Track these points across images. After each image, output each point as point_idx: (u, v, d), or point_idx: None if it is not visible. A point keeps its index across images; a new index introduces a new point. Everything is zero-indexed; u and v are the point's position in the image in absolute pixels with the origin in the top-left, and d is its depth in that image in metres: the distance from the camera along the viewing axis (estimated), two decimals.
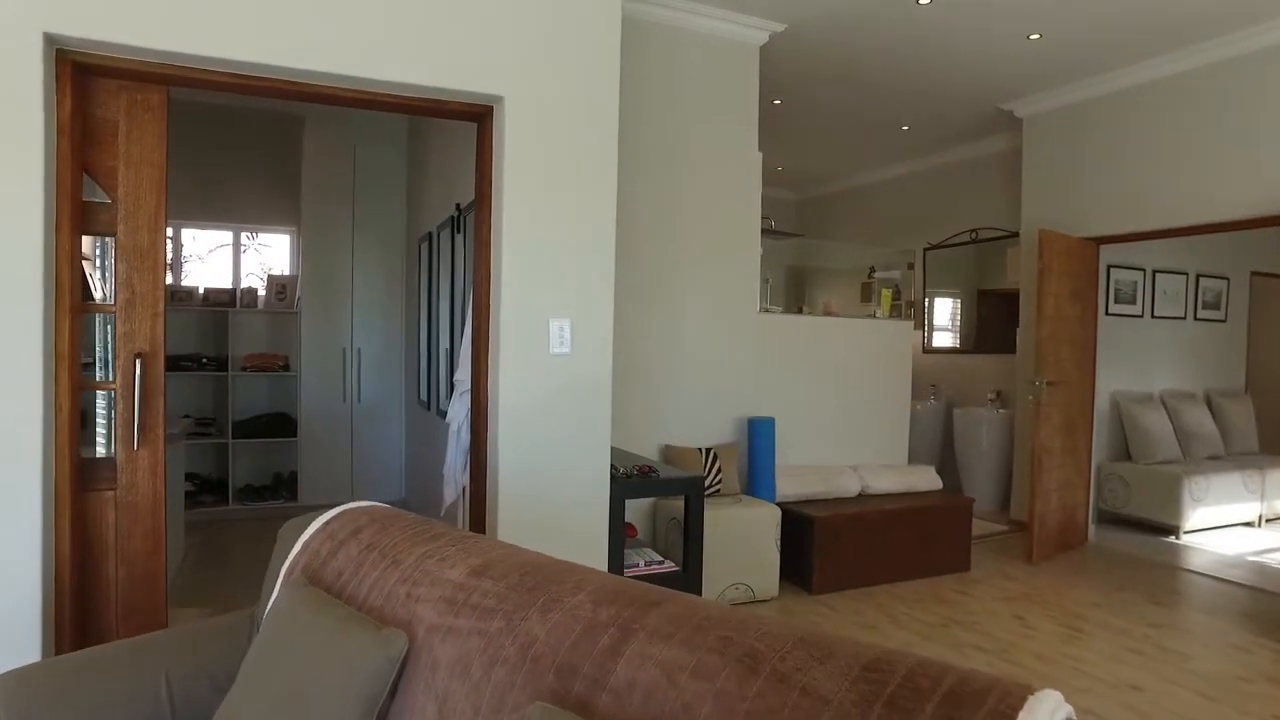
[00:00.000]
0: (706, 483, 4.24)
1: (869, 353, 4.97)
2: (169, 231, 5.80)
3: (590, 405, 2.83)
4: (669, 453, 4.29)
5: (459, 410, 3.18)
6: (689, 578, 3.07)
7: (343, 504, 1.91)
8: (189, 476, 5.49)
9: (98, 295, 5.14)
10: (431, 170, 5.11)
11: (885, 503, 4.53)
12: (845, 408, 4.88)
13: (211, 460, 5.60)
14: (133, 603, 2.48)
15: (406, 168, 5.84)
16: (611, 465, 3.01)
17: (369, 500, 1.99)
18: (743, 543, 3.97)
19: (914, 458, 5.63)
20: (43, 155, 2.15)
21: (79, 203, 2.36)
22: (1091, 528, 5.40)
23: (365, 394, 5.76)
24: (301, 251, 5.61)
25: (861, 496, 4.65)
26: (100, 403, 2.61)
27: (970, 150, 6.69)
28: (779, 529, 4.08)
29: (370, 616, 1.50)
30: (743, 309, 4.51)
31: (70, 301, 2.31)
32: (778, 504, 4.33)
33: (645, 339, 4.25)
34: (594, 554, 2.84)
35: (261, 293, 5.79)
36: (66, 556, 2.30)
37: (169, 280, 5.70)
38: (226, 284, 5.84)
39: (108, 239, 2.49)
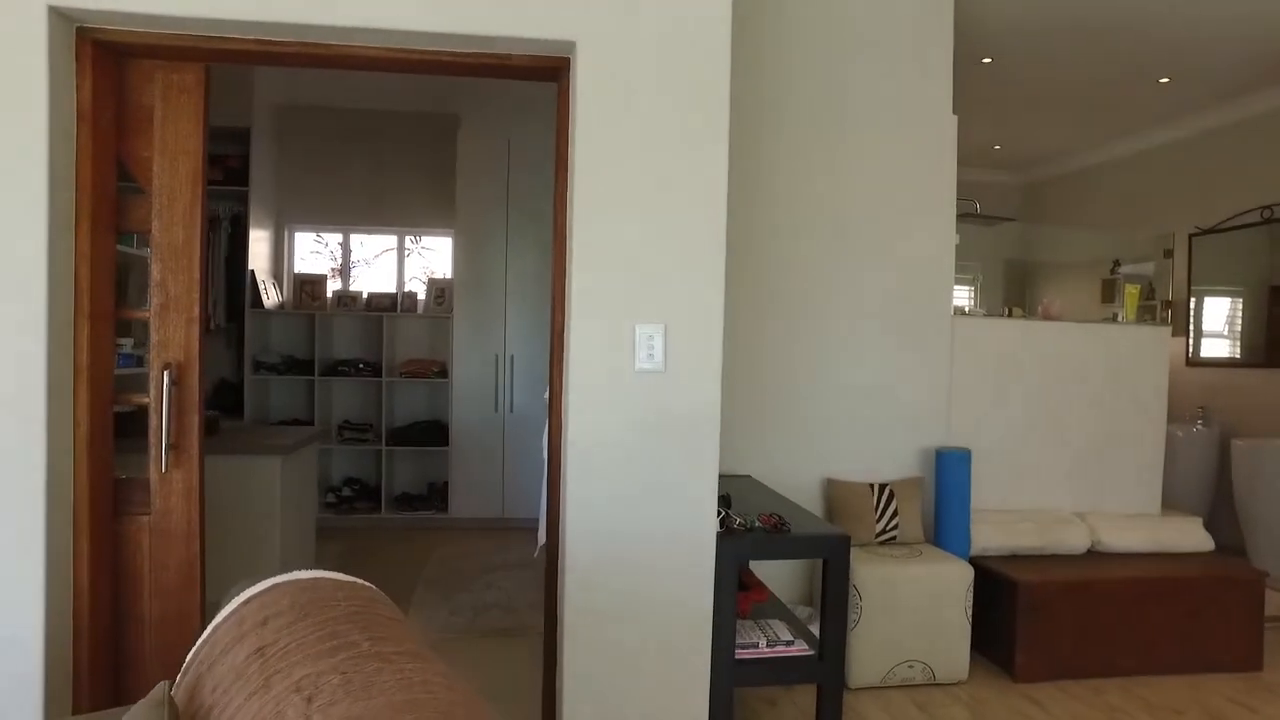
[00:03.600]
0: (879, 529, 3.41)
1: (1107, 366, 3.83)
2: (340, 237, 5.96)
3: (690, 439, 2.18)
4: (831, 489, 3.51)
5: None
6: (826, 668, 2.32)
7: (295, 571, 1.45)
8: (349, 481, 5.52)
9: (270, 303, 5.28)
10: None
11: (1127, 566, 3.41)
12: (1070, 437, 3.78)
13: (372, 466, 5.59)
14: (166, 641, 2.22)
15: None
16: (724, 514, 2.35)
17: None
18: (922, 608, 3.11)
19: (1171, 504, 4.33)
20: (45, 144, 1.91)
21: (108, 197, 2.12)
22: None
23: (518, 404, 5.48)
24: (455, 254, 5.45)
25: (1091, 555, 3.55)
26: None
27: (1261, 101, 5.14)
28: (971, 593, 3.16)
29: None
30: (931, 311, 3.62)
31: (93, 307, 2.07)
32: (971, 559, 3.39)
33: (801, 348, 3.51)
34: (693, 632, 2.19)
35: (421, 297, 5.72)
36: (86, 589, 2.07)
37: (336, 285, 5.85)
38: (391, 288, 5.83)
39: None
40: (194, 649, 1.31)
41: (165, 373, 2.13)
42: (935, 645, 3.12)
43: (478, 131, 5.36)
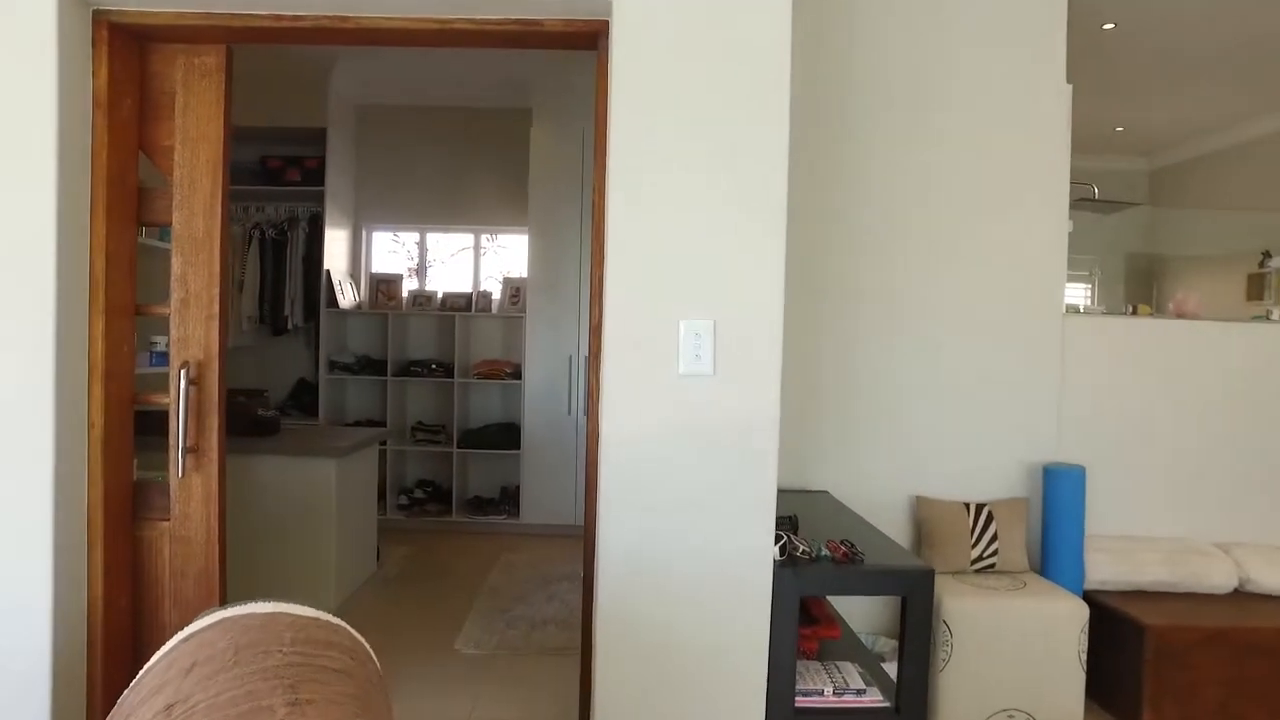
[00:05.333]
0: (975, 555, 3.01)
1: (1256, 371, 3.27)
2: (417, 236, 5.94)
3: (744, 453, 1.90)
4: (921, 509, 3.13)
5: None
6: None
7: (261, 602, 1.26)
8: (421, 483, 5.47)
9: (345, 303, 5.28)
10: None
11: None
12: (1209, 455, 3.24)
13: (445, 468, 5.51)
14: None
15: None
16: (785, 539, 2.04)
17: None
18: (1027, 650, 2.70)
19: None
20: (55, 133, 1.82)
21: (128, 188, 2.03)
22: None
23: None
24: (529, 252, 5.31)
25: (1238, 596, 3.03)
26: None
27: None
28: (1086, 634, 2.73)
29: None
30: (1039, 308, 3.19)
31: (109, 301, 1.97)
32: (1086, 594, 2.95)
33: (889, 348, 3.15)
34: (745, 675, 1.91)
35: (496, 296, 5.62)
36: (100, 597, 1.98)
37: (413, 285, 5.83)
38: (466, 288, 5.75)
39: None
40: (125, 691, 1.14)
41: (182, 372, 2.02)
42: (1042, 693, 2.70)
43: (550, 126, 5.21)
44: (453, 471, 5.32)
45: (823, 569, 2.00)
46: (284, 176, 5.10)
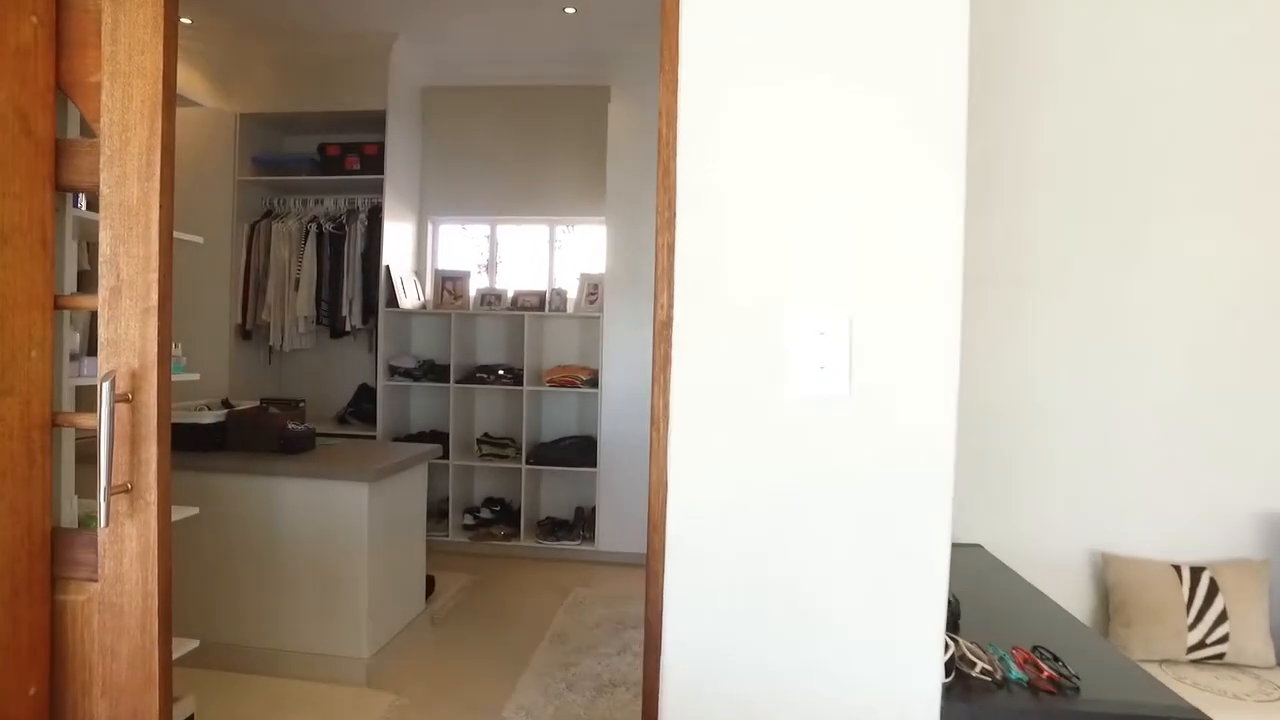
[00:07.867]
0: (1194, 640, 2.19)
1: None
2: (487, 229, 5.42)
3: (898, 533, 1.20)
4: (1109, 570, 2.33)
5: None
6: None
7: None
8: (489, 501, 4.95)
9: (407, 302, 4.81)
10: None
11: None
12: None
13: (516, 486, 4.96)
14: None
15: None
16: (950, 650, 1.33)
17: None
18: None
19: None
20: None
21: (36, 139, 1.52)
22: None
23: None
24: (607, 244, 4.71)
25: None
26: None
27: None
28: None
29: None
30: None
31: (3, 292, 1.46)
32: None
33: (1062, 348, 2.38)
34: None
35: (572, 295, 5.04)
36: None
37: (484, 284, 5.31)
38: (540, 286, 5.19)
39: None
40: None
41: (106, 385, 1.48)
42: None
43: (630, 102, 4.59)
44: (522, 490, 4.77)
45: (1016, 704, 1.27)
46: (343, 164, 4.67)
